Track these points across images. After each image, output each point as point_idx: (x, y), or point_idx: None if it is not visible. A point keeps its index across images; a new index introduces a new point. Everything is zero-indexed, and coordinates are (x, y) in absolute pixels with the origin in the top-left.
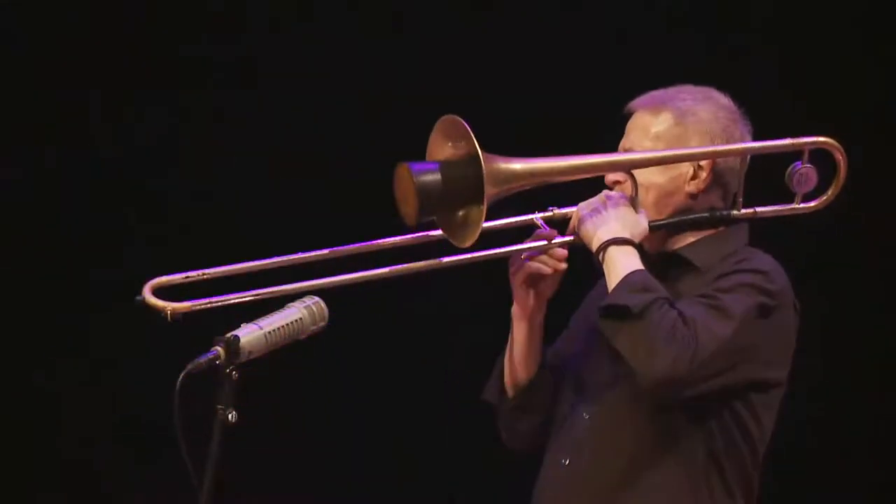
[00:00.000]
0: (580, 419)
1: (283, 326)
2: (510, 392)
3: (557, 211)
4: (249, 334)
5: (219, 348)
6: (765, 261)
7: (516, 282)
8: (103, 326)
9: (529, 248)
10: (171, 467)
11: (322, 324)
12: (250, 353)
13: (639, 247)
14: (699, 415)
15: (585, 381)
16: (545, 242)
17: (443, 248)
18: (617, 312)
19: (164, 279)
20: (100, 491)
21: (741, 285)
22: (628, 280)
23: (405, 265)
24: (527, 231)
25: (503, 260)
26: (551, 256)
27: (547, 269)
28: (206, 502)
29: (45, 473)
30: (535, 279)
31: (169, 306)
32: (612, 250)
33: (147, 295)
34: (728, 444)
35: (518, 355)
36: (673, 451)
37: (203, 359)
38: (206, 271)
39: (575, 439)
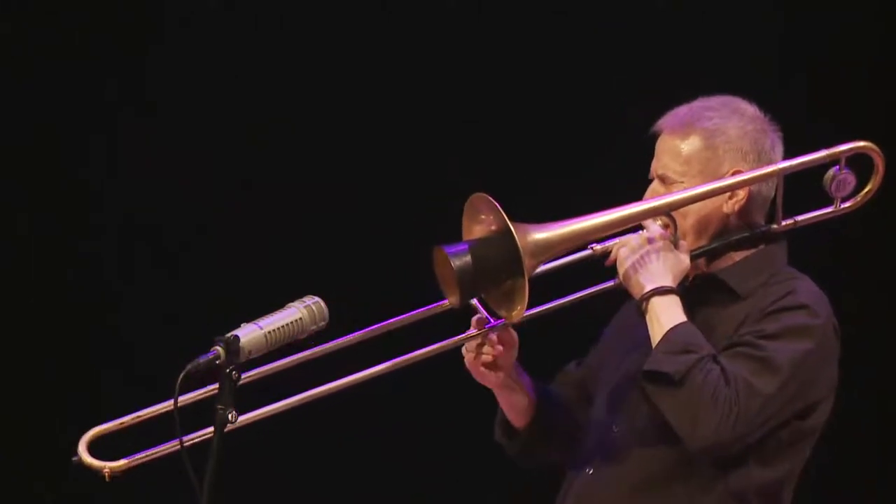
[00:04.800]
0: (609, 431)
1: (283, 326)
2: (514, 435)
3: (597, 247)
4: (249, 334)
5: (219, 348)
6: (806, 289)
7: (476, 374)
8: (102, 327)
9: (464, 338)
10: (170, 467)
11: (322, 324)
12: (250, 353)
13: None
14: None
15: (617, 396)
16: (475, 332)
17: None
18: (659, 378)
19: (98, 430)
20: (98, 492)
21: (787, 330)
22: (670, 339)
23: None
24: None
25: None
26: (489, 345)
27: (489, 358)
28: (206, 502)
29: (40, 473)
30: (489, 367)
31: (106, 466)
32: (655, 301)
33: (84, 454)
34: (762, 469)
35: (508, 411)
36: (699, 473)
37: (203, 359)
38: (140, 413)
39: (601, 450)
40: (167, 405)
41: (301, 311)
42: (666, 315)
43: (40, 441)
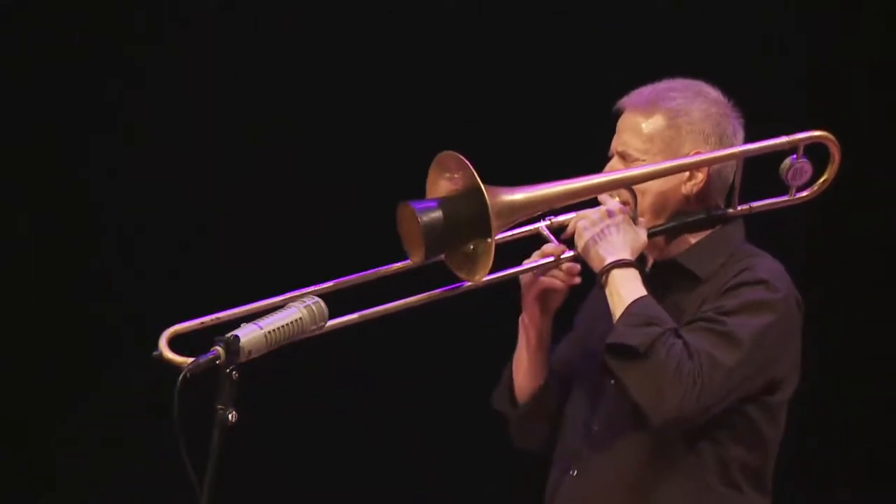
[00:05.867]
0: (588, 430)
1: (283, 326)
2: (519, 401)
3: (555, 220)
4: (249, 334)
5: (219, 348)
6: (764, 265)
7: (529, 295)
8: (102, 327)
9: (540, 265)
10: (170, 468)
11: (322, 324)
12: (250, 352)
13: (641, 257)
14: (709, 425)
15: (593, 392)
16: (553, 259)
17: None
18: (622, 351)
19: (179, 328)
20: (98, 492)
21: (746, 305)
22: (632, 312)
23: (412, 298)
24: (535, 241)
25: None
26: (565, 271)
27: (560, 284)
28: (206, 502)
29: (40, 473)
30: (547, 293)
31: (188, 362)
32: (615, 274)
33: (164, 350)
34: (740, 448)
35: (525, 365)
36: (681, 461)
37: (203, 359)
38: (220, 315)
39: (582, 450)
40: (250, 308)
41: (301, 311)
42: (626, 288)
43: (40, 441)
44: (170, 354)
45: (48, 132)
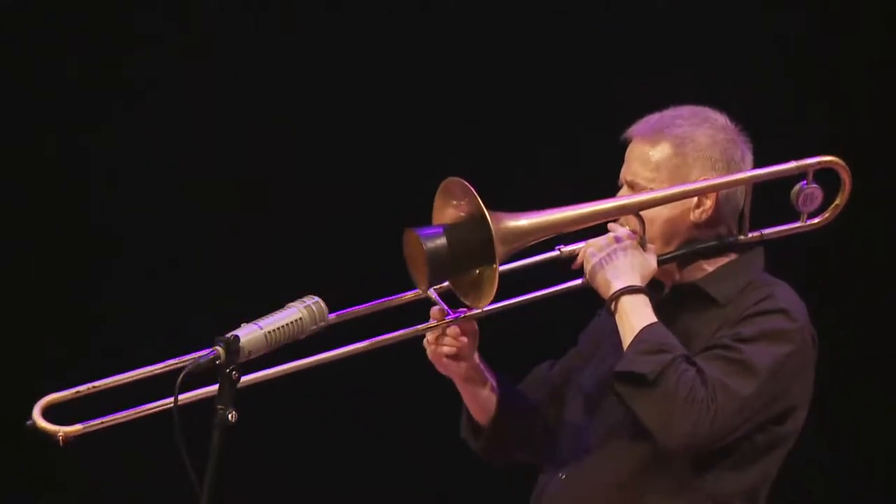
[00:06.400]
0: (582, 437)
1: (283, 326)
2: (478, 432)
3: (565, 249)
4: (249, 334)
5: (219, 348)
6: (784, 295)
7: (437, 365)
8: (102, 327)
9: (423, 328)
10: (170, 467)
11: (322, 324)
12: (250, 353)
13: (656, 283)
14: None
15: (593, 406)
16: (435, 322)
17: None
18: (632, 379)
19: (53, 397)
20: (98, 492)
21: (764, 334)
22: (642, 339)
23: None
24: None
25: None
26: (451, 336)
27: (451, 351)
28: (206, 502)
29: (40, 473)
30: (451, 356)
31: (61, 430)
32: (624, 301)
33: (38, 419)
34: (739, 472)
35: (470, 406)
36: (677, 477)
37: (203, 359)
38: (96, 383)
39: (574, 456)
40: (126, 377)
41: (301, 311)
42: (636, 315)
43: (40, 441)
44: (43, 423)
45: (48, 132)
